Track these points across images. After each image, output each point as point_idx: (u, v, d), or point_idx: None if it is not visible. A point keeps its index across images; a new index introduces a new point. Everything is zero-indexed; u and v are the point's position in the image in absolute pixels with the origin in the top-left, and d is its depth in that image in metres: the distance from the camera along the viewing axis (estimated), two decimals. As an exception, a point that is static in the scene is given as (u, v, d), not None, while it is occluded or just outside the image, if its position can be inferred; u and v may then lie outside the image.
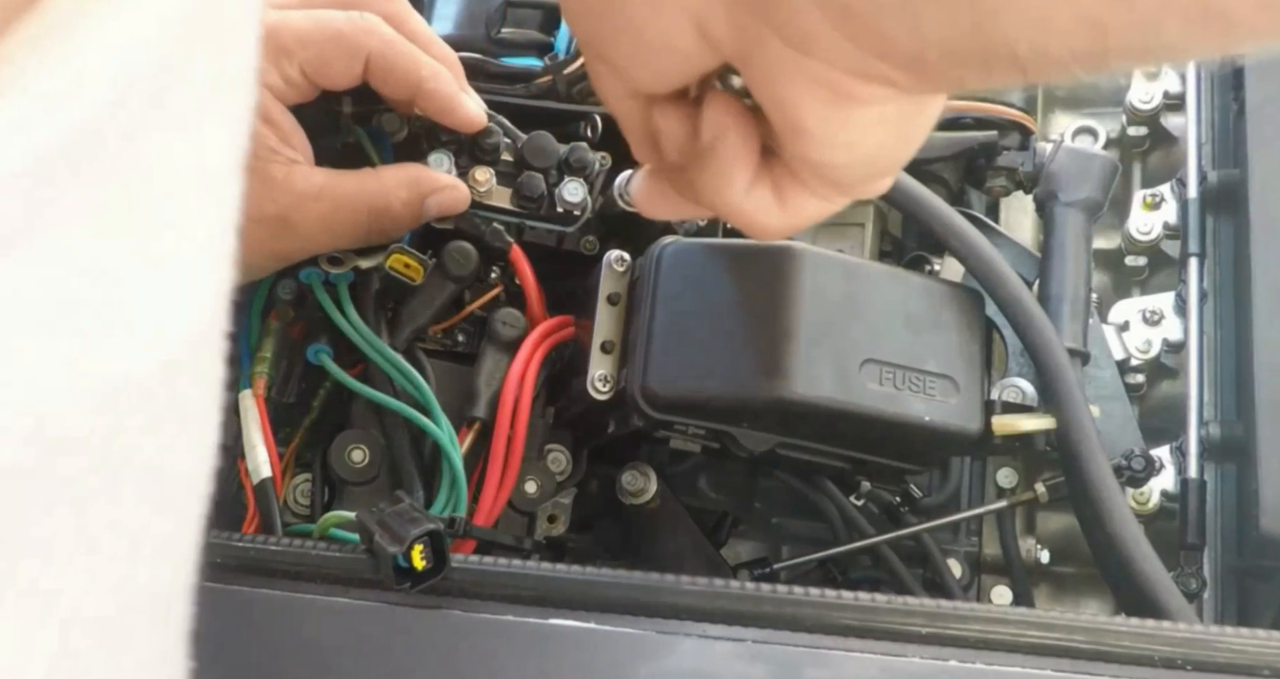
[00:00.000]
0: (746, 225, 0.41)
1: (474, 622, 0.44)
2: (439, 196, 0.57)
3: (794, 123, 0.34)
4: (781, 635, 0.43)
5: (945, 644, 0.42)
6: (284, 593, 0.46)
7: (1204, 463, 0.62)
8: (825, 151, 0.36)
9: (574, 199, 0.60)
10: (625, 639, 0.44)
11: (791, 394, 0.50)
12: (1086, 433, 0.55)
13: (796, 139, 0.35)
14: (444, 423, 0.55)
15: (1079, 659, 0.42)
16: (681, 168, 0.40)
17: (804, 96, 0.33)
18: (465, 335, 0.61)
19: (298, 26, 0.53)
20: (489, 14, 0.67)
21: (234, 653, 0.45)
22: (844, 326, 0.52)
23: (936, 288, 0.56)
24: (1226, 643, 0.42)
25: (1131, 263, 0.71)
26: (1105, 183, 0.65)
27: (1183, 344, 0.66)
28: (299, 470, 0.58)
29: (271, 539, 0.50)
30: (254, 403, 0.56)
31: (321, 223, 0.53)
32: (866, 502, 0.63)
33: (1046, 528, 0.65)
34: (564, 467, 0.60)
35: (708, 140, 0.38)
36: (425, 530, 0.44)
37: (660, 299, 0.53)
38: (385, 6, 0.56)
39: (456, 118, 0.58)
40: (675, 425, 0.54)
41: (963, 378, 0.54)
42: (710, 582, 0.45)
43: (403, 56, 0.55)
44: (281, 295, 0.58)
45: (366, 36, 0.54)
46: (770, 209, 0.40)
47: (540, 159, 0.60)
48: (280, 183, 0.52)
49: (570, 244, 0.61)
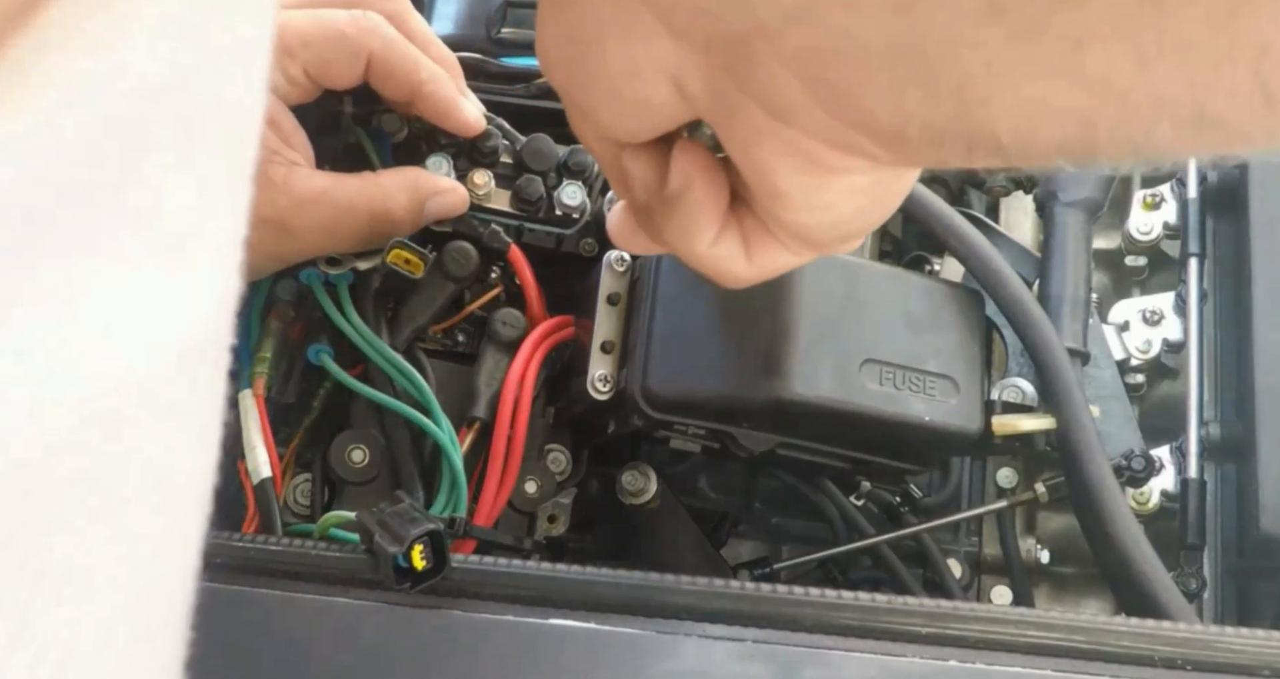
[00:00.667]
0: (712, 274, 0.40)
1: (474, 622, 0.44)
2: (438, 199, 0.57)
3: (769, 187, 0.34)
4: (781, 635, 0.43)
5: (945, 644, 0.42)
6: (284, 593, 0.46)
7: (1204, 463, 0.62)
8: (800, 214, 0.35)
9: (573, 202, 0.60)
10: (625, 639, 0.44)
11: (791, 394, 0.50)
12: (1086, 433, 0.55)
13: (771, 201, 0.35)
14: (444, 423, 0.55)
15: (1079, 659, 0.42)
16: (650, 210, 0.39)
17: (780, 163, 0.33)
18: (465, 335, 0.61)
19: (300, 26, 0.53)
20: (489, 14, 0.67)
21: (234, 653, 0.45)
22: (844, 327, 0.52)
23: (936, 288, 0.56)
24: (1226, 643, 0.42)
25: (1131, 263, 0.71)
26: (1105, 183, 0.65)
27: (1183, 344, 0.66)
28: (299, 470, 0.58)
29: (271, 539, 0.50)
30: (254, 403, 0.56)
31: (321, 226, 0.53)
32: (866, 502, 0.63)
33: (1046, 528, 0.65)
34: (564, 467, 0.60)
35: (675, 189, 0.37)
36: (425, 530, 0.44)
37: (660, 299, 0.53)
38: (387, 5, 0.55)
39: (454, 121, 0.58)
40: (675, 425, 0.54)
41: (963, 378, 0.54)
42: (710, 582, 0.45)
43: (403, 58, 0.55)
44: (281, 295, 0.58)
45: (368, 36, 0.54)
46: (737, 258, 0.39)
47: (539, 161, 0.60)
48: (280, 185, 0.52)
49: (569, 246, 0.61)
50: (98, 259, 0.19)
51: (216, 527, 0.57)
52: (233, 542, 0.49)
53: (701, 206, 0.37)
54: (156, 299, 0.20)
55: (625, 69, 0.33)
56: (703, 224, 0.37)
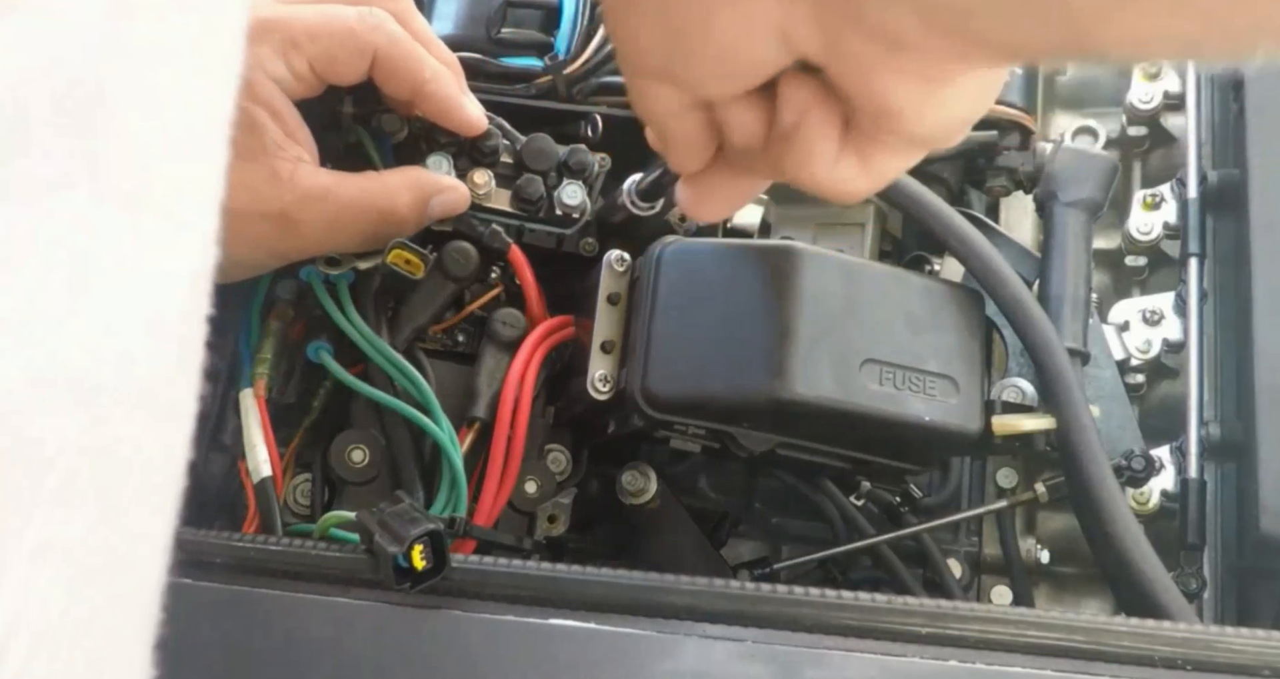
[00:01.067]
0: (833, 193, 0.41)
1: (474, 622, 0.44)
2: (441, 198, 0.57)
3: (886, 108, 0.36)
4: (781, 635, 0.43)
5: (945, 644, 0.42)
6: (284, 593, 0.46)
7: (1204, 463, 0.62)
8: (918, 125, 0.37)
9: (573, 202, 0.60)
10: (625, 639, 0.44)
11: (791, 394, 0.50)
12: (1086, 433, 0.55)
13: (889, 119, 0.37)
14: (444, 423, 0.55)
15: (1079, 659, 0.42)
16: (754, 154, 0.41)
17: (896, 86, 0.35)
18: (465, 335, 0.61)
19: (308, 21, 0.53)
20: (489, 14, 0.67)
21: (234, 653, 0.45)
22: (844, 326, 0.52)
23: (936, 288, 0.56)
24: (1226, 643, 0.42)
25: (1131, 263, 0.71)
26: (1105, 183, 0.64)
27: (1183, 344, 0.66)
28: (299, 470, 0.58)
29: (271, 539, 0.50)
30: (254, 403, 0.56)
31: (325, 223, 0.53)
32: (866, 502, 0.63)
33: (1046, 528, 0.65)
34: (564, 467, 0.60)
35: (790, 121, 0.38)
36: (425, 530, 0.44)
37: (660, 299, 0.53)
38: (390, 4, 0.55)
39: (456, 120, 0.58)
40: (675, 425, 0.54)
41: (963, 378, 0.54)
42: (710, 582, 0.45)
43: (408, 56, 0.55)
44: (281, 295, 0.58)
45: (375, 32, 0.54)
46: (856, 176, 0.40)
47: (539, 161, 0.60)
48: (285, 180, 0.52)
49: (569, 246, 0.61)
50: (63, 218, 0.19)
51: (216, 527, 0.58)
52: (233, 542, 0.49)
53: (821, 130, 0.39)
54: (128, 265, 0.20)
55: (737, 34, 0.35)
56: (823, 147, 0.39)
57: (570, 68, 0.65)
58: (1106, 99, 0.76)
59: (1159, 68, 0.72)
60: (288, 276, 0.58)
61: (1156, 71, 0.72)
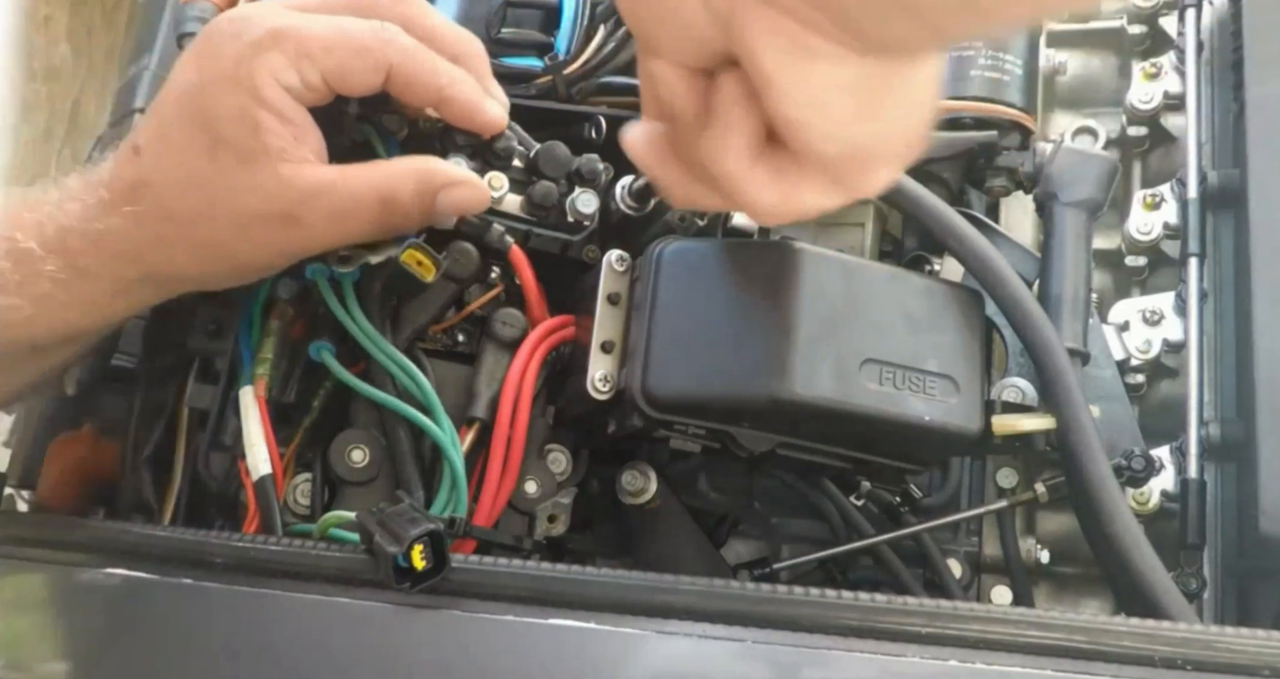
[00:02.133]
0: (743, 200, 0.43)
1: (474, 622, 0.44)
2: (452, 193, 0.55)
3: (759, 69, 0.38)
4: (781, 635, 0.43)
5: (945, 644, 0.42)
6: (284, 593, 0.46)
7: (1204, 463, 0.62)
8: (795, 108, 0.38)
9: (587, 210, 0.60)
10: (625, 639, 0.44)
11: (791, 394, 0.50)
12: (1086, 433, 0.55)
13: (767, 92, 0.38)
14: (445, 423, 0.55)
15: (1079, 659, 0.42)
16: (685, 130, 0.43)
17: (765, 44, 0.37)
18: (465, 335, 0.61)
19: (323, 33, 0.52)
20: (489, 14, 0.67)
21: (234, 653, 0.45)
22: (844, 326, 0.52)
23: (936, 288, 0.56)
24: (1226, 643, 0.42)
25: (1131, 263, 0.71)
26: (1105, 183, 0.64)
27: (1183, 344, 0.66)
28: (299, 470, 0.58)
29: (271, 539, 0.50)
30: (254, 402, 0.56)
31: (329, 216, 0.53)
32: (866, 502, 0.63)
33: (1046, 528, 0.65)
34: (564, 467, 0.60)
35: (715, 104, 0.41)
36: (425, 530, 0.44)
37: (660, 299, 0.53)
38: (401, 9, 0.55)
39: (479, 122, 0.57)
40: (675, 425, 0.54)
41: (963, 378, 0.54)
42: (709, 582, 0.45)
43: (422, 67, 0.54)
44: (281, 294, 0.58)
45: (389, 48, 0.53)
46: (767, 187, 0.42)
47: (553, 168, 0.60)
48: (289, 180, 0.52)
49: (574, 253, 0.61)
50: None
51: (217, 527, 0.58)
52: (233, 542, 0.49)
53: (740, 124, 0.41)
54: None
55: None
56: (737, 142, 0.41)
57: (570, 68, 0.65)
58: (1106, 99, 0.76)
59: (1159, 68, 0.72)
60: (288, 275, 0.58)
61: (1156, 71, 0.72)
